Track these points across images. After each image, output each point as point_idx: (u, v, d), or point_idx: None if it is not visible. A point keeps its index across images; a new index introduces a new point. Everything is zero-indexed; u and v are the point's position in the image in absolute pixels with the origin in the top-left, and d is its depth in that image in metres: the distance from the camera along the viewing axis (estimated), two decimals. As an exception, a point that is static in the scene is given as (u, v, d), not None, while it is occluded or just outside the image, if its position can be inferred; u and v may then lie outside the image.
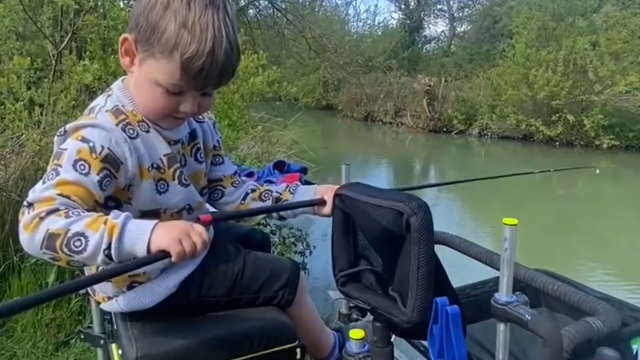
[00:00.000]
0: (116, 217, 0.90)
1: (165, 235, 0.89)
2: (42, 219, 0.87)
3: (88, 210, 0.92)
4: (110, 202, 1.02)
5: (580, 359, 1.14)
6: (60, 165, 0.94)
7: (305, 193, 1.26)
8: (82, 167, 0.94)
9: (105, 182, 0.97)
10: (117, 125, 1.01)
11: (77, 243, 0.86)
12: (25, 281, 2.54)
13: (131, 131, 1.03)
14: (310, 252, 3.68)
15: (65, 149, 0.96)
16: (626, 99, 11.44)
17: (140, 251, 0.89)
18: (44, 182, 0.93)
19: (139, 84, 1.04)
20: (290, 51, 10.39)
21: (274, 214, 1.27)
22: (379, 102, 15.55)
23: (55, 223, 0.87)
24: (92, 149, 0.96)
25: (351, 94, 16.32)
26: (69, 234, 0.86)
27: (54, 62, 3.48)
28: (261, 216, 1.30)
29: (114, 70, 3.34)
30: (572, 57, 10.98)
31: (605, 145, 10.84)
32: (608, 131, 10.88)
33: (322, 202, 1.20)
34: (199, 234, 0.92)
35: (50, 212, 0.88)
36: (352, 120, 16.30)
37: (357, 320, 1.62)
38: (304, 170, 1.60)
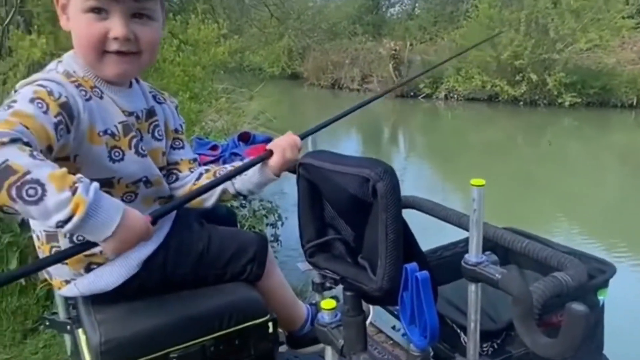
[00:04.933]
0: (85, 192, 0.75)
1: (122, 239, 0.79)
2: (3, 144, 0.73)
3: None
4: None
5: (551, 314, 1.16)
6: (15, 101, 0.84)
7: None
8: (39, 105, 0.85)
9: (60, 129, 0.87)
10: (70, 83, 0.97)
11: (31, 191, 0.72)
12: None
13: (84, 93, 0.98)
14: (282, 224, 3.65)
15: (19, 94, 0.87)
16: (587, 56, 11.64)
17: (93, 239, 0.78)
18: None
19: (75, 31, 1.01)
20: (252, 19, 10.11)
21: (230, 191, 1.18)
22: (345, 68, 15.40)
23: (18, 157, 0.73)
24: (50, 92, 0.89)
25: (317, 62, 16.10)
26: (27, 177, 0.71)
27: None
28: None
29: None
30: (534, 16, 11.05)
31: (567, 103, 11.07)
32: (570, 89, 11.09)
33: (269, 155, 1.14)
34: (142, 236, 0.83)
35: (13, 141, 0.74)
36: (319, 88, 16.13)
37: (330, 288, 1.61)
38: (269, 141, 1.55)
